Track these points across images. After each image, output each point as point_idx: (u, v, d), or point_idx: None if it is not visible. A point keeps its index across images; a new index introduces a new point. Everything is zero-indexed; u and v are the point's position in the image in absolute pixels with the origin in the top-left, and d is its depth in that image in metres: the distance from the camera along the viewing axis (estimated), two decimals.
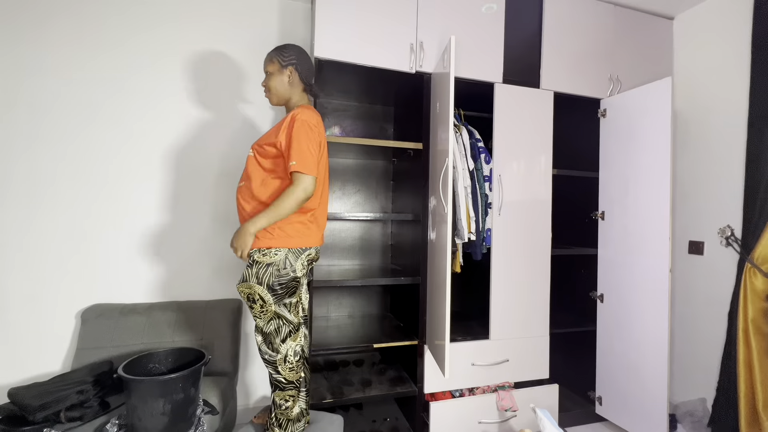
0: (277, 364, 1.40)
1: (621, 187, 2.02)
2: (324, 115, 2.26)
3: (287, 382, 1.42)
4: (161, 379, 1.36)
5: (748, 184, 1.89)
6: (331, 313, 2.27)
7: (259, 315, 1.36)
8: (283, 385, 1.42)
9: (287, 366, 1.41)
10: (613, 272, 2.06)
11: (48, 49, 1.85)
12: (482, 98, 1.98)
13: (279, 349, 1.40)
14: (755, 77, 1.88)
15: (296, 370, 1.44)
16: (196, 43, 2.05)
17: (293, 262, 1.37)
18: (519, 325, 1.96)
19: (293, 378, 1.43)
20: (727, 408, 1.87)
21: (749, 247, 1.85)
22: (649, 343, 1.84)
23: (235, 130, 2.10)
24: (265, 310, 1.35)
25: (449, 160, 1.54)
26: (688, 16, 2.25)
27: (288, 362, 1.41)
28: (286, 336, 1.40)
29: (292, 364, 1.42)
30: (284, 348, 1.40)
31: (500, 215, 1.92)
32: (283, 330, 1.39)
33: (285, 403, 1.43)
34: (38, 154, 1.84)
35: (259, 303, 1.35)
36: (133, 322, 1.81)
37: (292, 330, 1.41)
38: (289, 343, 1.41)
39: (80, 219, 1.90)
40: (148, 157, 1.98)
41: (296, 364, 1.44)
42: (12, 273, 1.81)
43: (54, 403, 1.39)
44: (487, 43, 1.93)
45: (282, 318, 1.38)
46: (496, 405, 1.89)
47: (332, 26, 1.73)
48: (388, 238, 2.40)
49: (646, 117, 1.89)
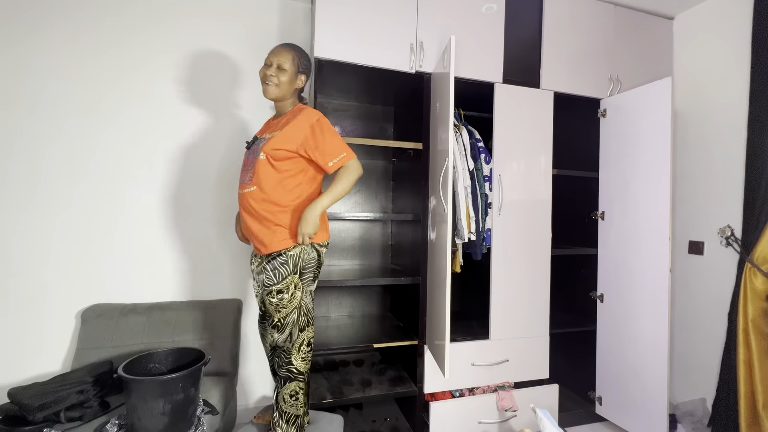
0: (291, 353, 1.44)
1: (621, 187, 2.02)
2: (324, 115, 2.26)
3: (298, 372, 1.45)
4: (161, 379, 1.36)
5: (748, 184, 1.89)
6: (331, 313, 2.27)
7: (286, 305, 1.40)
8: (294, 375, 1.45)
9: (300, 355, 1.45)
10: (613, 272, 2.06)
11: (46, 50, 1.85)
12: (482, 98, 1.98)
13: (296, 338, 1.45)
14: (755, 77, 1.88)
15: (307, 360, 1.49)
16: (196, 43, 2.04)
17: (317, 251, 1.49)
18: (519, 325, 1.96)
19: (305, 368, 1.47)
20: (727, 408, 1.87)
21: (749, 247, 1.85)
22: (649, 343, 1.84)
23: (234, 129, 2.10)
24: (293, 298, 1.41)
25: (449, 160, 1.54)
26: (688, 16, 2.25)
27: (302, 351, 1.46)
28: (305, 325, 1.46)
29: (305, 353, 1.47)
30: (301, 337, 1.45)
31: (500, 215, 1.92)
32: (302, 320, 1.45)
33: (296, 395, 1.45)
34: (38, 154, 1.84)
35: (290, 292, 1.39)
36: (133, 322, 1.81)
37: (310, 320, 1.48)
38: (306, 332, 1.47)
39: (80, 219, 1.89)
40: (149, 157, 1.98)
41: (308, 354, 1.49)
42: (12, 273, 1.81)
43: (54, 403, 1.39)
44: (487, 43, 1.93)
45: (303, 307, 1.45)
46: (496, 405, 1.89)
47: (332, 26, 1.73)
48: (388, 238, 2.40)
49: (646, 117, 1.89)
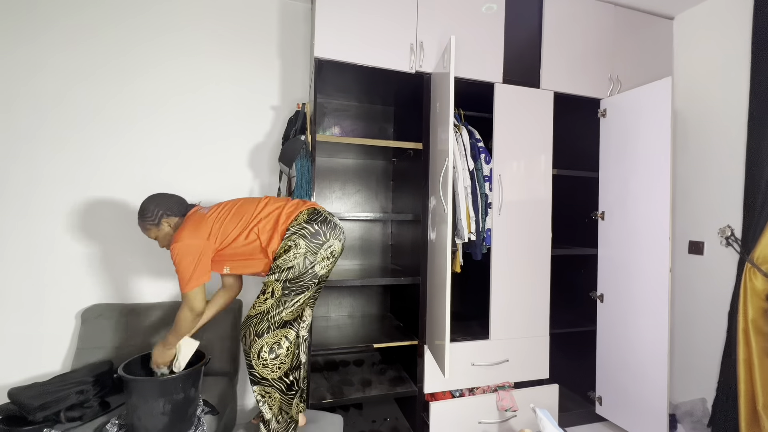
0: (251, 356, 1.42)
1: (621, 187, 2.02)
2: (324, 115, 2.26)
3: (261, 377, 1.42)
4: (161, 379, 1.37)
5: (748, 184, 1.89)
6: (331, 313, 2.27)
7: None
8: (257, 379, 1.43)
9: (260, 361, 1.40)
10: (613, 272, 2.06)
11: (50, 50, 1.85)
12: (482, 98, 1.98)
13: (252, 341, 1.43)
14: (755, 77, 1.88)
15: (272, 368, 1.41)
16: (195, 43, 2.05)
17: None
18: (519, 325, 1.96)
19: (268, 375, 1.40)
20: (727, 408, 1.87)
21: (749, 247, 1.84)
22: (649, 343, 1.84)
23: (233, 131, 2.10)
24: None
25: (449, 160, 1.54)
26: (688, 16, 2.25)
27: (261, 357, 1.39)
28: (263, 332, 1.42)
29: (267, 360, 1.39)
30: (259, 342, 1.41)
31: (500, 215, 1.92)
32: (262, 325, 1.42)
33: (262, 399, 1.42)
34: (38, 155, 1.84)
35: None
36: (133, 322, 1.81)
37: (273, 327, 1.43)
38: (265, 339, 1.41)
39: (80, 219, 1.90)
40: (149, 157, 1.99)
41: (272, 361, 1.41)
42: (12, 273, 1.82)
43: (54, 403, 1.39)
44: (487, 43, 1.93)
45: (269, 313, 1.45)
46: (496, 405, 1.89)
47: (332, 26, 1.73)
48: (388, 238, 2.40)
49: (646, 117, 1.89)
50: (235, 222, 1.43)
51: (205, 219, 1.42)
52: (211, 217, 1.43)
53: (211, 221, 1.42)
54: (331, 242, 1.45)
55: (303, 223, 1.42)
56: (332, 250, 1.46)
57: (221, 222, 1.43)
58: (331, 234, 1.45)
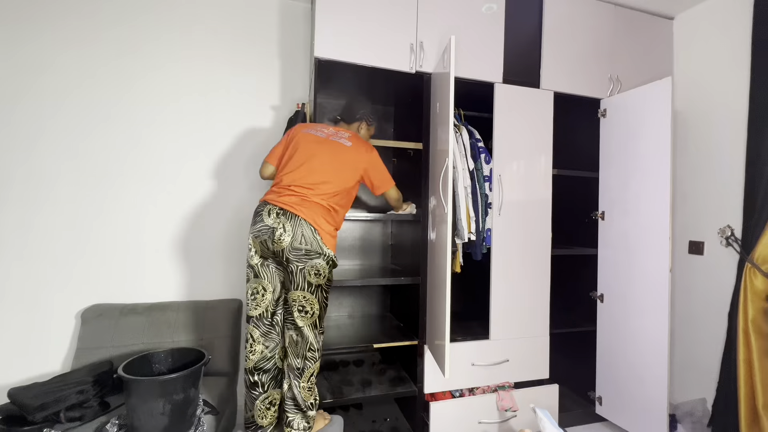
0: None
1: (621, 187, 2.02)
2: (324, 115, 2.26)
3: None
4: (161, 380, 1.36)
5: (748, 184, 1.89)
6: (331, 313, 2.27)
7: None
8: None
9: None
10: (613, 272, 2.06)
11: (55, 49, 1.85)
12: (482, 98, 1.98)
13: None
14: (755, 77, 1.88)
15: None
16: (196, 43, 2.05)
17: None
18: (519, 325, 1.96)
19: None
20: (727, 408, 1.86)
21: (749, 247, 1.84)
22: (649, 343, 1.84)
23: (233, 131, 2.10)
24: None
25: (449, 160, 1.54)
26: (688, 16, 2.25)
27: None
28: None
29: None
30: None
31: (500, 215, 1.92)
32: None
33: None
34: (39, 154, 1.84)
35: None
36: (133, 322, 1.81)
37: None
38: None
39: (80, 219, 1.90)
40: (151, 158, 1.99)
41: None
42: (12, 273, 1.82)
43: (54, 403, 1.39)
44: (487, 43, 1.93)
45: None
46: (496, 405, 1.89)
47: (332, 26, 1.73)
48: (388, 238, 2.40)
49: (646, 117, 1.89)
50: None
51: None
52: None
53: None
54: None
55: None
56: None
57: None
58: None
